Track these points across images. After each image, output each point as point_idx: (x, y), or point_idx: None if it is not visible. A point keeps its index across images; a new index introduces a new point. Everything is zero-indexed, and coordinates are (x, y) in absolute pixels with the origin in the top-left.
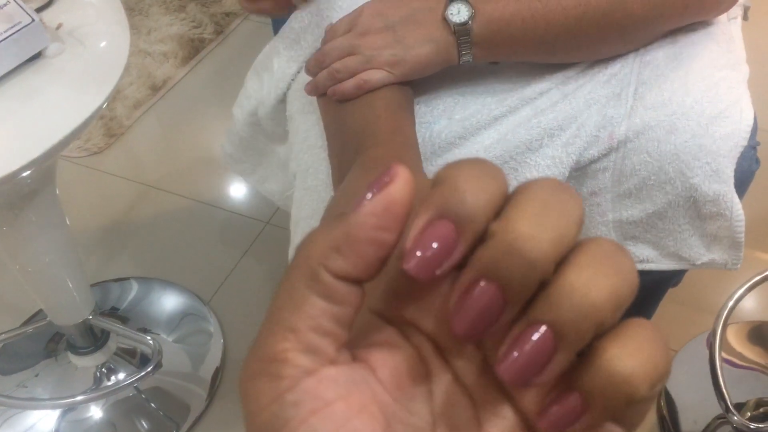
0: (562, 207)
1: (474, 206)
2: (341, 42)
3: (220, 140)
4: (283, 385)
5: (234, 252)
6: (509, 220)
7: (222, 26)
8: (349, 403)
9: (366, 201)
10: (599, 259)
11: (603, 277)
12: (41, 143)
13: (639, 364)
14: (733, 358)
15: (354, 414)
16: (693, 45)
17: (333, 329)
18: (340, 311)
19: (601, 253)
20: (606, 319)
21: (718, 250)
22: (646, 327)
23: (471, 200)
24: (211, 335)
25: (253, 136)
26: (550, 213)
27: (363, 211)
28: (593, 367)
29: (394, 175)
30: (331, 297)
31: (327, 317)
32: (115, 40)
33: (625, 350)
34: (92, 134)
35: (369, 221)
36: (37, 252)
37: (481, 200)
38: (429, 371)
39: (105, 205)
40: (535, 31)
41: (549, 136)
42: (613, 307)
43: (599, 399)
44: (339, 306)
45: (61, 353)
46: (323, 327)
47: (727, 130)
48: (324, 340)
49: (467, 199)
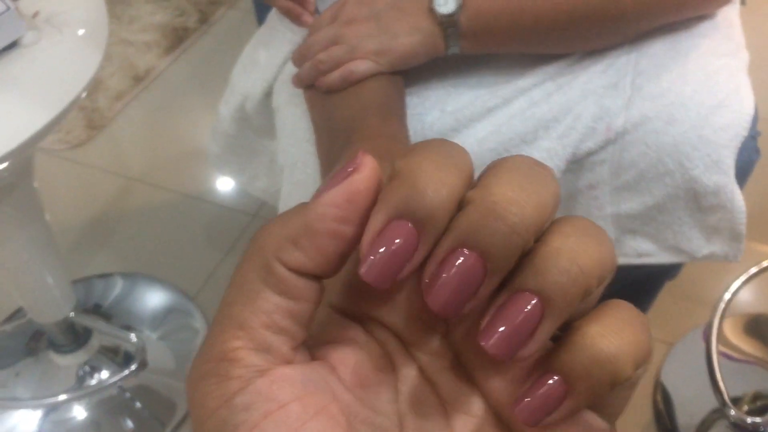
0: (541, 178)
1: (434, 203)
2: (325, 32)
3: (205, 132)
4: (232, 386)
5: (220, 246)
6: (488, 186)
7: (206, 15)
8: (306, 404)
9: (327, 191)
10: (582, 229)
11: (589, 245)
12: (17, 135)
13: (623, 343)
14: (730, 351)
15: (311, 416)
16: (691, 34)
17: (288, 326)
18: (296, 307)
19: (583, 224)
20: (592, 289)
21: (718, 242)
22: (626, 307)
23: (431, 196)
24: (197, 332)
25: (241, 132)
26: (531, 180)
27: (323, 202)
28: (575, 347)
29: (359, 165)
30: (287, 292)
31: (282, 313)
32: (93, 28)
33: (609, 329)
34: (73, 126)
35: (329, 212)
36: (16, 248)
37: (443, 195)
38: (394, 368)
39: (88, 198)
40: (525, 25)
41: (544, 128)
42: (598, 275)
43: (582, 381)
44: (295, 302)
45: (42, 351)
46: (277, 323)
47: (726, 120)
48: (278, 338)
49: (427, 196)
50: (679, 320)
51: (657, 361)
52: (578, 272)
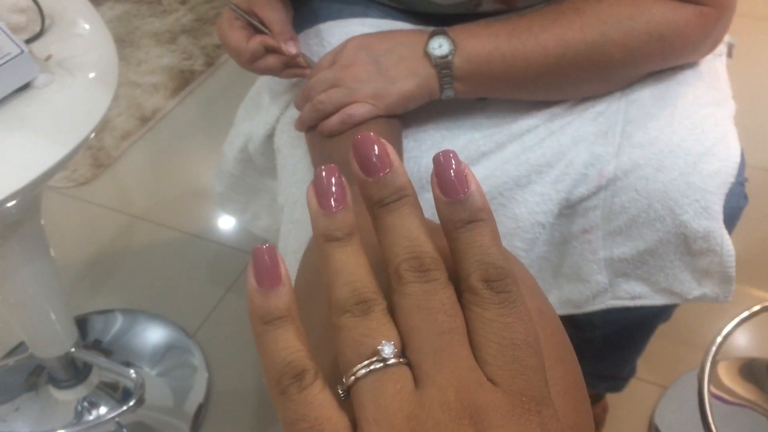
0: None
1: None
2: (325, 75)
3: (209, 172)
4: None
5: (220, 284)
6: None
7: (212, 58)
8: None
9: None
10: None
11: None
12: (26, 174)
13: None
14: (724, 394)
15: None
16: (678, 83)
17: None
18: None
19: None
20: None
21: (709, 284)
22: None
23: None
24: (196, 369)
25: (244, 172)
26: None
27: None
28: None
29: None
30: None
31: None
32: (104, 71)
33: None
34: (80, 165)
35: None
36: (20, 283)
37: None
38: None
39: (91, 235)
40: (515, 68)
41: (537, 173)
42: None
43: None
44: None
45: (42, 386)
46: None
47: (714, 167)
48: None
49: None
50: (674, 363)
51: (651, 403)
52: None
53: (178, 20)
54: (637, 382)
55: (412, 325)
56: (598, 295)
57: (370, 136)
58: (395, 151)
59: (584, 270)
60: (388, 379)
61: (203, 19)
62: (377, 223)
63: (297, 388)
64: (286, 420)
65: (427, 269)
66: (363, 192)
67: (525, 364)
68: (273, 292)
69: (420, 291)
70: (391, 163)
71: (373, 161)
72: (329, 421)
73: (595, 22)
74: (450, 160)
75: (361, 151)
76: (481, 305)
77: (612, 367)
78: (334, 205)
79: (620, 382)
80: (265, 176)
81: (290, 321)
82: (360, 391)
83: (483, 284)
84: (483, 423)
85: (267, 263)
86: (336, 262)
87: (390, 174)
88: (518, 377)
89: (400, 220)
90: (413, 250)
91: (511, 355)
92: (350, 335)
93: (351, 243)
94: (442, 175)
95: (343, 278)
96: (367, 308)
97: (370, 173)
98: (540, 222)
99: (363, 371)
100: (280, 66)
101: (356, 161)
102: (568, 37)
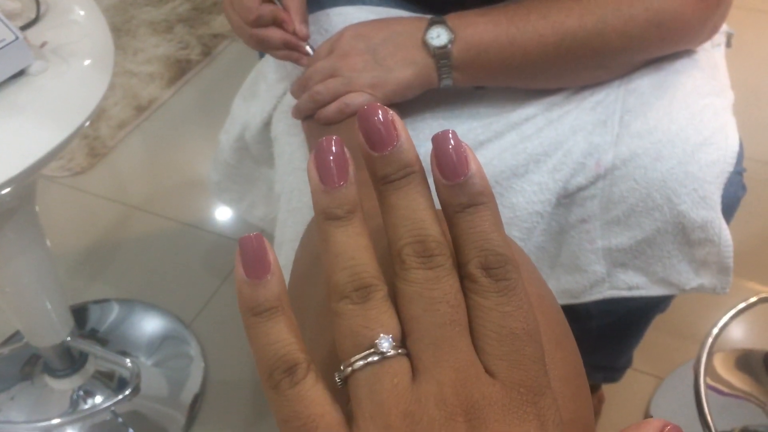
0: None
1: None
2: (322, 64)
3: (205, 162)
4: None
5: (216, 274)
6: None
7: (209, 48)
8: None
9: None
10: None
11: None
12: (21, 161)
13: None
14: (720, 386)
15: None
16: (677, 73)
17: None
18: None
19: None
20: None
21: (706, 275)
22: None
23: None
24: (192, 359)
25: (240, 161)
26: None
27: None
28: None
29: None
30: None
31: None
32: (99, 59)
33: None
34: (75, 154)
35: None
36: (16, 272)
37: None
38: None
39: (87, 225)
40: (513, 56)
41: (535, 162)
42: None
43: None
44: None
45: (37, 376)
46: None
47: (712, 157)
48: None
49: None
50: (670, 355)
51: (647, 394)
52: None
53: (175, 9)
54: (633, 373)
55: (413, 314)
56: (595, 285)
57: (377, 105)
58: (403, 124)
59: (582, 260)
60: (385, 372)
61: (200, 8)
62: (382, 201)
63: (289, 382)
64: (279, 417)
65: (431, 254)
66: (368, 166)
67: (524, 354)
68: (262, 282)
69: (423, 278)
70: (398, 136)
71: (380, 132)
72: (322, 418)
73: (593, 9)
74: (449, 140)
75: (367, 121)
76: (480, 293)
77: (608, 357)
78: (336, 177)
79: (617, 372)
80: (262, 165)
81: (281, 312)
82: (357, 384)
83: (482, 272)
84: (478, 419)
85: (255, 252)
86: (336, 243)
87: (396, 148)
88: (516, 368)
89: (405, 200)
90: (417, 233)
91: (509, 345)
92: (348, 324)
93: (352, 222)
94: (442, 155)
95: (342, 261)
96: (367, 294)
97: (375, 146)
98: (538, 211)
99: (360, 363)
100: (279, 43)
101: (361, 132)
102: (567, 25)
